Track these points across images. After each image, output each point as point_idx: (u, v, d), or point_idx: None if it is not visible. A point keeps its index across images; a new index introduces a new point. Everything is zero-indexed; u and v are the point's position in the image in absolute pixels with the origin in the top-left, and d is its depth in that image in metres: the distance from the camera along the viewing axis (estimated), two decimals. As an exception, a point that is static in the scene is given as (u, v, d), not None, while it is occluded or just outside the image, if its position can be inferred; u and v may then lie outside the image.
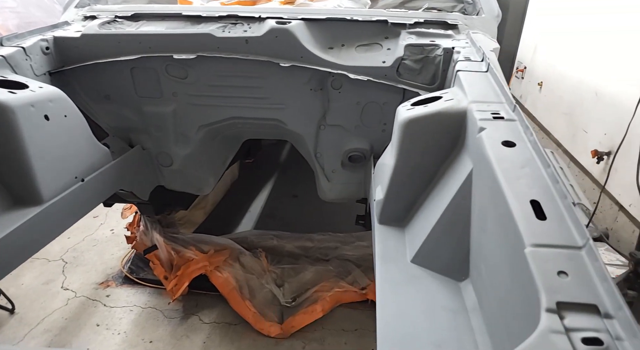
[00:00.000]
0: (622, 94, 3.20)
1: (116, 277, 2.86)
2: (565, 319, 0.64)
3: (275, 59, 1.78)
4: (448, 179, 1.27)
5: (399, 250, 1.31)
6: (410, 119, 1.31)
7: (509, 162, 0.98)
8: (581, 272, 0.70)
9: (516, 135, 1.07)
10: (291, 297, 2.72)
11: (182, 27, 1.84)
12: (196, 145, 2.06)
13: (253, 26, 1.81)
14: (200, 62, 1.81)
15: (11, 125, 1.33)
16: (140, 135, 2.02)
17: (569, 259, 0.72)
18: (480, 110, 1.20)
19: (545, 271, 0.71)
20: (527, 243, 0.77)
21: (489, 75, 1.44)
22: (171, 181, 2.17)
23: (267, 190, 4.11)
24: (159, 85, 1.90)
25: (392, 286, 1.17)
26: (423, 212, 1.34)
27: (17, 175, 1.40)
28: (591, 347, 0.59)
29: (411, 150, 1.35)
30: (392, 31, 1.90)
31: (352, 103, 1.92)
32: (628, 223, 3.04)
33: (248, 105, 1.95)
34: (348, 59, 1.83)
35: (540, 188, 0.88)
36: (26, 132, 1.37)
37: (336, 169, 2.09)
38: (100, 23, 1.86)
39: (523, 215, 0.83)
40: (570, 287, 0.68)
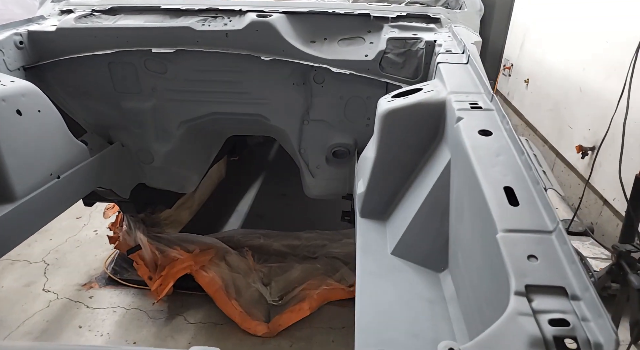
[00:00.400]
0: (605, 89, 3.23)
1: (99, 278, 2.82)
2: (534, 301, 0.63)
3: (256, 53, 1.76)
4: (428, 170, 1.27)
5: (380, 242, 1.30)
6: (390, 110, 1.30)
7: (485, 150, 0.97)
8: (550, 256, 0.69)
9: (493, 124, 1.07)
10: (278, 296, 2.70)
11: (161, 20, 1.81)
12: (177, 141, 2.03)
13: (233, 19, 1.79)
14: (180, 57, 1.79)
15: None
16: (120, 131, 1.98)
17: (539, 243, 0.72)
18: (459, 101, 1.20)
19: (515, 256, 0.70)
20: (499, 228, 0.76)
21: (469, 67, 1.43)
22: (153, 179, 2.14)
23: (255, 189, 4.08)
24: (138, 81, 1.87)
25: (371, 278, 1.16)
26: (404, 205, 1.33)
27: None
28: (557, 328, 0.59)
29: (391, 142, 1.34)
30: (374, 25, 1.90)
31: (335, 97, 1.90)
32: (612, 217, 3.07)
33: (229, 101, 1.93)
34: (330, 52, 1.81)
35: (514, 175, 0.88)
36: None
37: (320, 164, 2.08)
38: (77, 17, 1.83)
39: (496, 201, 0.82)
40: (539, 271, 0.67)
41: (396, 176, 1.36)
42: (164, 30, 1.75)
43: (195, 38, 1.75)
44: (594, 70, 3.43)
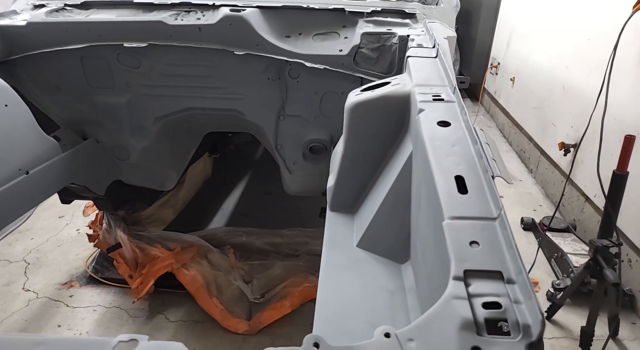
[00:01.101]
0: (587, 86, 3.26)
1: (80, 277, 2.80)
2: (471, 285, 0.63)
3: (229, 48, 1.76)
4: (393, 163, 1.27)
5: (347, 235, 1.30)
6: (356, 103, 1.31)
7: (442, 140, 0.98)
8: (492, 242, 0.69)
9: (452, 115, 1.08)
10: (260, 293, 2.69)
11: (134, 14, 1.80)
12: (154, 137, 2.02)
13: (207, 14, 1.78)
14: (153, 51, 1.78)
15: None
16: (94, 127, 1.97)
17: (482, 230, 0.72)
18: (422, 93, 1.20)
19: (458, 242, 0.71)
20: (446, 216, 0.77)
21: (437, 61, 1.44)
22: (129, 175, 2.13)
23: (240, 187, 4.07)
24: (111, 75, 1.86)
25: (335, 270, 1.16)
26: (371, 197, 1.33)
27: None
28: (490, 310, 0.59)
29: (358, 135, 1.34)
30: (349, 20, 1.90)
31: (311, 93, 1.91)
32: (594, 214, 3.10)
33: (204, 96, 1.92)
34: (305, 47, 1.81)
35: (467, 164, 0.88)
36: None
37: (297, 160, 2.08)
38: (48, 11, 1.82)
39: (446, 190, 0.83)
40: (480, 256, 0.67)
41: (364, 169, 1.36)
42: (136, 25, 1.74)
43: (168, 32, 1.74)
44: (577, 68, 3.46)
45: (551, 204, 3.73)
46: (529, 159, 4.32)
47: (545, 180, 3.94)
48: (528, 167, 4.34)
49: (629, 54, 2.70)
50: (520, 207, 3.69)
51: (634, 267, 2.63)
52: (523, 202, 3.77)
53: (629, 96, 2.71)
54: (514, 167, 4.41)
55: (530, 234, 3.33)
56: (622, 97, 2.76)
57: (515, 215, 3.56)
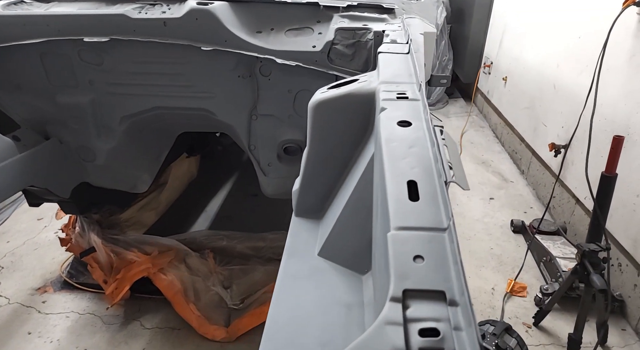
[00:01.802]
0: (578, 85, 3.18)
1: (55, 282, 2.71)
2: (410, 308, 0.55)
3: (196, 43, 1.67)
4: (357, 165, 1.19)
5: (310, 243, 1.22)
6: (319, 101, 1.23)
7: (400, 141, 0.90)
8: (438, 256, 0.62)
9: (415, 114, 0.99)
10: (239, 299, 2.61)
11: (96, 8, 1.71)
12: (121, 138, 1.93)
13: (173, 7, 1.70)
14: (116, 47, 1.70)
15: None
16: (57, 127, 1.89)
17: (429, 242, 0.64)
18: (387, 91, 1.12)
19: (402, 256, 0.63)
20: (393, 226, 0.69)
21: (409, 58, 1.36)
22: (97, 177, 2.05)
23: (226, 189, 3.99)
24: (73, 73, 1.77)
25: (292, 281, 1.08)
26: (335, 202, 1.25)
27: None
28: (427, 339, 0.51)
29: (322, 135, 1.26)
30: (324, 14, 1.82)
31: (284, 91, 1.83)
32: (584, 216, 3.02)
33: (172, 94, 1.84)
34: (277, 43, 1.73)
35: (422, 167, 0.80)
36: None
37: (272, 162, 2.00)
38: (5, 4, 1.73)
39: (397, 196, 0.75)
40: (423, 273, 0.59)
41: (329, 172, 1.28)
42: (97, 18, 1.65)
43: (131, 27, 1.66)
44: (567, 67, 3.38)
45: (542, 205, 3.65)
46: (521, 160, 4.24)
47: (536, 181, 3.87)
48: (520, 168, 4.27)
49: (620, 52, 2.63)
50: (511, 209, 3.62)
51: (624, 272, 2.55)
52: (514, 204, 3.69)
53: (620, 95, 2.63)
54: (507, 168, 4.33)
55: (520, 237, 3.26)
56: (612, 96, 2.69)
57: (506, 217, 3.48)
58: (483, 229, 3.35)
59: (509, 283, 2.76)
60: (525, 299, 2.69)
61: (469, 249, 3.11)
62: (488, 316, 2.54)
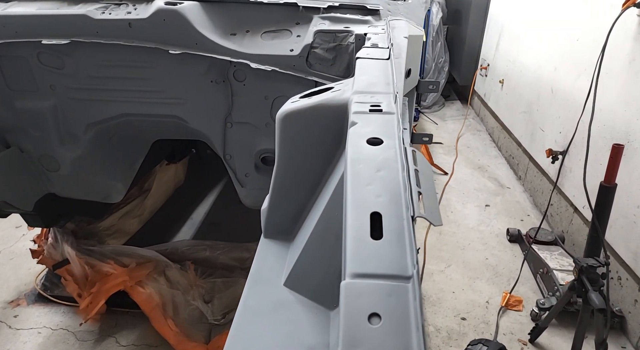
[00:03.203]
0: (576, 89, 3.07)
1: (29, 294, 2.59)
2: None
3: (164, 46, 1.56)
4: (329, 184, 1.07)
5: (276, 269, 1.10)
6: (287, 113, 1.11)
7: (367, 162, 0.78)
8: (398, 315, 0.50)
9: (388, 131, 0.88)
10: (221, 314, 2.50)
11: (57, 8, 1.59)
12: (87, 146, 1.81)
13: (139, 7, 1.58)
14: (78, 50, 1.58)
15: None
16: (17, 135, 1.77)
17: (388, 296, 0.52)
18: (359, 102, 1.00)
19: (355, 314, 0.51)
20: (348, 272, 0.57)
21: (388, 64, 1.24)
22: (63, 188, 1.92)
23: (214, 194, 3.87)
24: (33, 77, 1.66)
25: (252, 315, 0.96)
26: (305, 225, 1.13)
27: None
28: None
29: (291, 149, 1.14)
30: (303, 16, 1.70)
31: (260, 97, 1.71)
32: (582, 225, 2.91)
33: (141, 100, 1.72)
34: (252, 46, 1.61)
35: (390, 195, 0.68)
36: None
37: (249, 172, 1.88)
38: None
39: (357, 233, 0.63)
40: (379, 339, 0.48)
41: (300, 189, 1.16)
42: (57, 19, 1.53)
43: (93, 28, 1.54)
44: (565, 70, 3.26)
45: (539, 213, 3.53)
46: (518, 165, 4.13)
47: (533, 188, 3.75)
48: (517, 173, 4.15)
49: (619, 56, 2.51)
50: (507, 217, 3.50)
51: (624, 286, 2.43)
52: (510, 211, 3.58)
53: (619, 101, 2.52)
54: (503, 173, 4.22)
55: (516, 246, 3.14)
56: (611, 101, 2.57)
57: (502, 225, 3.37)
58: (478, 237, 3.23)
59: (504, 296, 2.64)
60: (521, 313, 2.57)
61: (463, 259, 2.99)
62: (482, 333, 2.42)
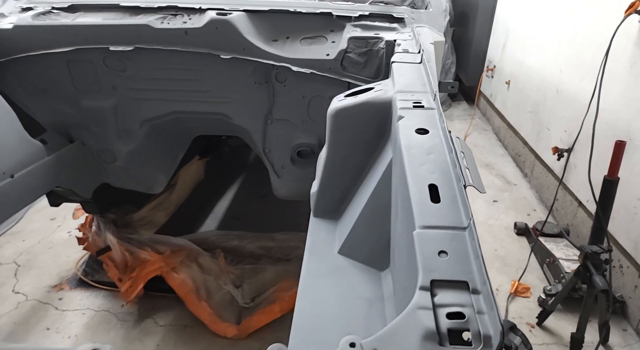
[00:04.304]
0: (580, 90, 3.26)
1: (70, 279, 2.79)
2: (437, 296, 0.63)
3: (215, 51, 1.75)
4: (374, 169, 1.27)
5: (329, 242, 1.30)
6: (338, 109, 1.30)
7: (418, 148, 0.97)
8: (460, 252, 0.69)
9: (431, 122, 1.07)
10: (250, 298, 2.68)
11: (120, 18, 1.80)
12: (140, 141, 2.01)
13: (193, 17, 1.78)
14: (139, 55, 1.78)
15: None
16: (80, 130, 1.96)
17: (451, 239, 0.71)
18: (403, 100, 1.20)
19: (427, 252, 0.70)
20: (417, 225, 0.76)
21: (421, 67, 1.43)
22: (117, 178, 2.12)
23: (233, 190, 4.06)
24: (98, 79, 1.86)
25: (314, 278, 1.15)
26: (353, 204, 1.33)
27: None
28: (453, 321, 0.58)
29: (340, 141, 1.34)
30: (337, 24, 1.90)
31: (298, 97, 1.90)
32: (586, 218, 3.09)
33: (191, 99, 1.92)
34: (292, 51, 1.81)
35: (441, 172, 0.88)
36: None
37: (286, 165, 2.07)
38: (35, 14, 1.81)
39: (419, 199, 0.82)
40: (448, 266, 0.67)
41: (347, 175, 1.36)
42: (122, 28, 1.73)
43: (154, 36, 1.74)
44: (570, 72, 3.46)
45: (545, 208, 3.72)
46: (524, 163, 4.31)
47: (539, 184, 3.94)
48: (523, 171, 4.34)
49: (622, 59, 2.70)
50: (514, 212, 3.69)
51: (626, 273, 2.62)
52: (517, 207, 3.76)
53: (621, 101, 2.71)
54: (510, 171, 4.40)
55: (523, 239, 3.32)
56: (614, 102, 2.76)
57: (509, 219, 3.55)
58: (487, 230, 3.42)
59: (512, 284, 2.83)
60: (529, 299, 2.75)
61: (473, 250, 3.17)
62: (492, 316, 2.60)
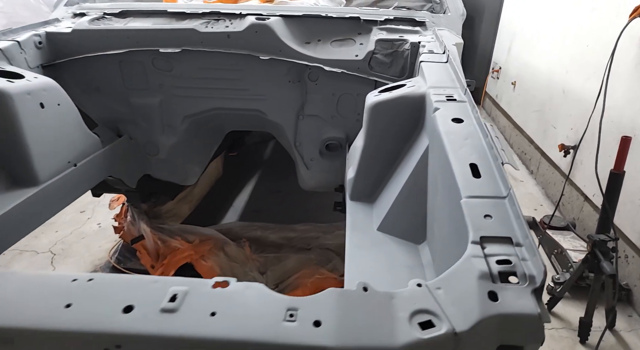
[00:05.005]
0: (586, 90, 3.41)
1: (104, 267, 2.94)
2: (486, 248, 0.78)
3: (255, 53, 1.91)
4: (409, 156, 1.42)
5: (367, 221, 1.45)
6: (377, 102, 1.46)
7: (456, 134, 1.13)
8: (502, 215, 0.84)
9: (464, 113, 1.22)
10: (274, 284, 2.84)
11: (168, 23, 1.96)
12: (181, 135, 2.17)
13: (234, 22, 1.94)
14: (185, 56, 1.94)
15: (10, 111, 1.45)
16: (128, 125, 2.13)
17: (493, 206, 0.87)
18: (437, 94, 1.35)
19: (475, 215, 0.85)
20: (463, 196, 0.91)
21: (448, 66, 1.59)
22: (157, 170, 2.28)
23: (251, 185, 4.23)
24: (146, 78, 2.02)
25: (359, 249, 1.30)
26: (388, 187, 1.48)
27: (15, 157, 1.51)
28: (502, 265, 0.74)
29: (377, 131, 1.49)
30: (364, 27, 2.05)
31: (328, 94, 2.05)
32: (592, 212, 3.24)
33: (230, 97, 2.08)
34: (324, 52, 1.97)
35: (479, 153, 1.03)
36: (23, 118, 1.49)
37: (314, 157, 2.23)
38: (90, 19, 1.98)
39: (463, 175, 0.98)
40: (493, 226, 0.82)
41: (382, 162, 1.51)
42: (171, 32, 1.90)
43: (199, 39, 1.90)
44: (576, 73, 3.61)
45: (551, 203, 3.87)
46: (530, 160, 4.46)
47: (545, 181, 4.09)
48: (529, 168, 4.49)
49: (626, 60, 2.85)
50: (522, 207, 3.82)
51: (631, 263, 2.77)
52: (524, 202, 3.91)
53: (625, 100, 2.86)
54: (516, 168, 4.55)
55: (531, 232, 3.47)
56: (618, 100, 2.91)
57: (517, 214, 3.70)
58: (496, 224, 3.57)
59: (522, 273, 2.98)
60: (537, 287, 2.90)
61: (483, 242, 3.32)
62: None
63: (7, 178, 1.52)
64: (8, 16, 3.86)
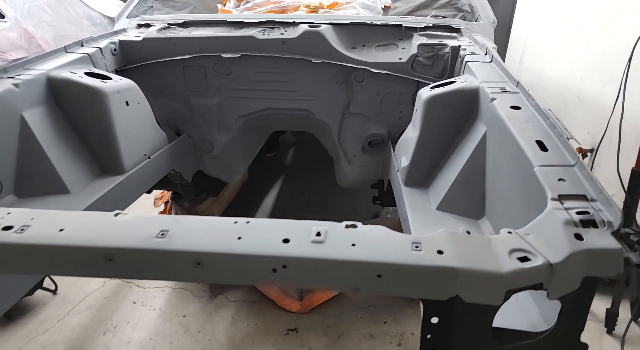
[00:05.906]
0: (602, 95, 3.58)
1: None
2: (565, 203, 0.93)
3: (307, 57, 2.09)
4: (465, 143, 1.57)
5: (424, 202, 1.60)
6: (432, 96, 1.62)
7: (517, 118, 1.28)
8: (574, 178, 0.99)
9: (520, 101, 1.38)
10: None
11: (227, 31, 2.15)
12: (234, 134, 2.35)
13: (288, 30, 2.13)
14: (243, 60, 2.12)
15: (105, 107, 1.64)
16: (187, 124, 2.31)
17: (565, 172, 1.02)
18: (490, 87, 1.51)
19: (549, 179, 1.00)
20: (535, 165, 1.06)
21: (494, 64, 1.76)
22: (209, 166, 2.45)
23: (276, 189, 4.38)
24: (206, 81, 2.20)
25: (422, 225, 1.45)
26: (444, 172, 1.63)
27: (106, 149, 1.71)
28: (582, 215, 0.88)
29: (432, 123, 1.65)
30: (405, 34, 2.23)
31: (373, 94, 2.22)
32: (611, 211, 3.37)
33: (282, 97, 2.26)
34: (369, 56, 2.14)
35: (542, 133, 1.18)
36: (114, 113, 1.67)
37: (357, 153, 2.38)
38: (158, 29, 2.18)
39: (531, 150, 1.13)
40: (567, 186, 0.97)
41: (436, 150, 1.67)
42: (231, 39, 2.09)
43: (256, 45, 2.09)
44: (591, 80, 3.78)
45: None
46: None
47: (562, 184, 4.22)
48: (544, 173, 4.63)
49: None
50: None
51: (651, 257, 2.89)
52: (542, 204, 4.04)
53: (642, 103, 3.02)
54: (531, 173, 4.69)
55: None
56: (635, 103, 3.08)
57: (536, 215, 3.82)
58: (517, 224, 3.70)
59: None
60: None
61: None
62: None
63: (98, 167, 1.71)
64: (56, 29, 4.09)
